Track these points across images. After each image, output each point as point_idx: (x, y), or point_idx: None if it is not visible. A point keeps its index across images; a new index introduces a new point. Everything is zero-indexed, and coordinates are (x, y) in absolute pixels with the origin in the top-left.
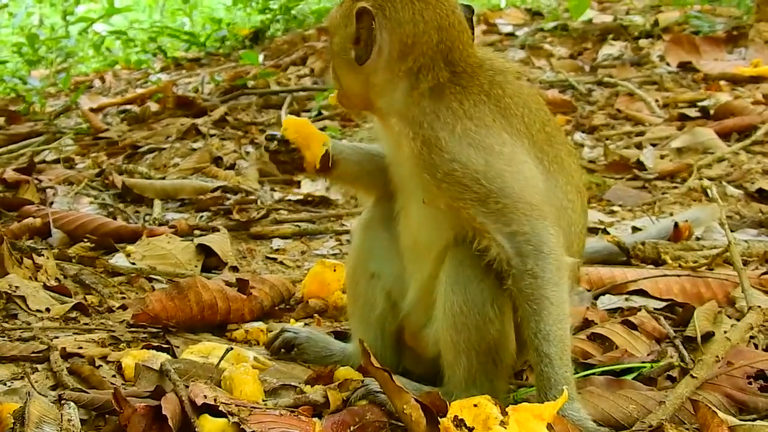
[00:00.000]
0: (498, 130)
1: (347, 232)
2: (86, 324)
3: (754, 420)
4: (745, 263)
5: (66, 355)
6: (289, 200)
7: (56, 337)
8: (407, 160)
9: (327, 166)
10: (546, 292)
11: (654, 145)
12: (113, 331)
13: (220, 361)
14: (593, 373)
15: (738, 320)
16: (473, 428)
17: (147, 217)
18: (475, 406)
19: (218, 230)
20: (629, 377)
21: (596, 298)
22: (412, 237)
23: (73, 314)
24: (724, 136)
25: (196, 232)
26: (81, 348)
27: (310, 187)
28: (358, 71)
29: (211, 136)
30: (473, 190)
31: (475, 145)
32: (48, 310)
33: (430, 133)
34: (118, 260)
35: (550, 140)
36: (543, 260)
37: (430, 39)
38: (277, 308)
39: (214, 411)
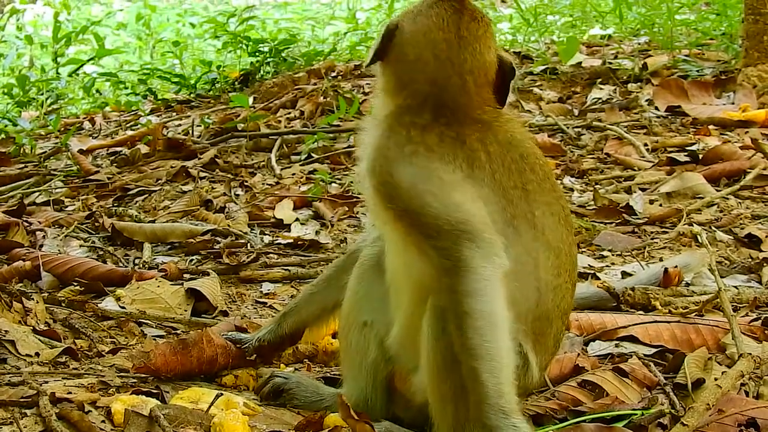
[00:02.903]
0: (448, 166)
1: None
2: (76, 369)
3: None
4: (736, 309)
5: (55, 401)
6: (279, 244)
7: (45, 382)
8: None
9: None
10: (464, 306)
11: (643, 190)
12: (103, 376)
13: (209, 407)
14: (584, 420)
15: (729, 367)
16: None
17: (137, 261)
18: None
19: (208, 274)
20: (620, 425)
21: (586, 344)
22: (392, 265)
23: (63, 359)
24: (714, 181)
25: (186, 275)
26: (70, 393)
27: (300, 230)
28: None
29: (201, 178)
30: (396, 202)
31: (413, 165)
32: (37, 354)
33: (384, 142)
34: (108, 304)
35: (527, 197)
36: (460, 275)
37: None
38: None
39: None
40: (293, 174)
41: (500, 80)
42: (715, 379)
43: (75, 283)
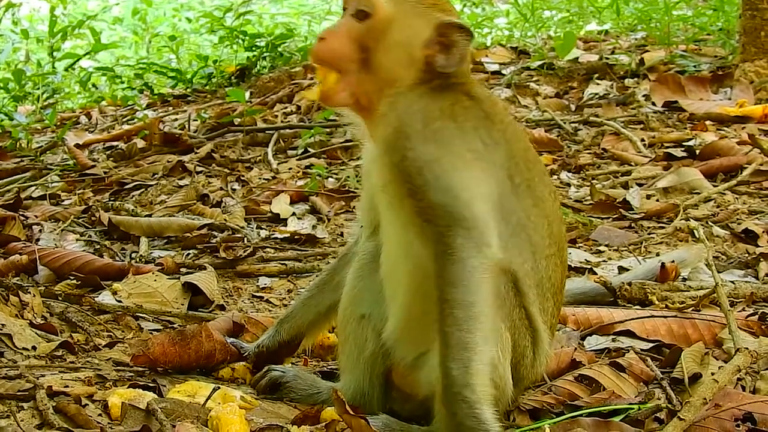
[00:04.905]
0: (473, 136)
1: None
2: (72, 362)
3: None
4: (732, 304)
5: (52, 394)
6: (276, 238)
7: (42, 376)
8: (376, 147)
9: None
10: (445, 294)
11: (640, 185)
12: (99, 370)
13: (206, 400)
14: (580, 415)
15: (725, 362)
16: None
17: (133, 255)
18: None
19: (205, 268)
20: (617, 419)
21: (583, 338)
22: (388, 256)
23: (60, 352)
24: (710, 176)
25: (183, 269)
26: (67, 386)
27: (296, 225)
28: (408, 64)
29: (198, 173)
30: (412, 180)
31: (438, 141)
32: (34, 348)
33: (409, 119)
34: (105, 298)
35: (528, 164)
36: (447, 261)
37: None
38: None
39: None
40: (290, 168)
41: None
42: (712, 374)
43: (71, 277)
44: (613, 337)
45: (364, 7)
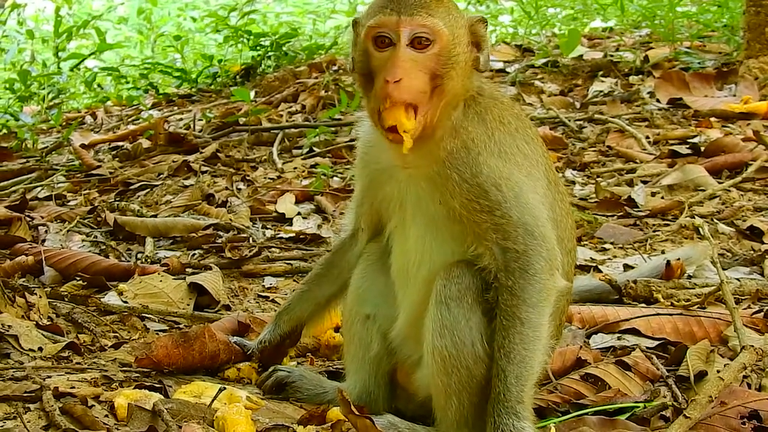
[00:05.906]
0: (519, 138)
1: None
2: (79, 363)
3: None
4: (738, 302)
5: (58, 395)
6: (281, 238)
7: (49, 377)
8: (435, 163)
9: None
10: (519, 312)
11: (645, 182)
12: (106, 371)
13: (212, 401)
14: (586, 413)
15: (731, 359)
16: None
17: (139, 255)
18: None
19: (210, 268)
20: (622, 417)
21: (589, 336)
22: (405, 258)
23: (66, 353)
24: (715, 173)
25: (188, 270)
26: (73, 387)
27: (301, 224)
28: (466, 76)
29: (203, 173)
30: (489, 196)
31: (503, 153)
32: (41, 349)
33: (473, 135)
34: (111, 299)
35: (549, 158)
36: (525, 280)
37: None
38: None
39: None
40: (295, 168)
41: None
42: (718, 372)
43: (77, 278)
44: (619, 335)
45: (424, 35)
